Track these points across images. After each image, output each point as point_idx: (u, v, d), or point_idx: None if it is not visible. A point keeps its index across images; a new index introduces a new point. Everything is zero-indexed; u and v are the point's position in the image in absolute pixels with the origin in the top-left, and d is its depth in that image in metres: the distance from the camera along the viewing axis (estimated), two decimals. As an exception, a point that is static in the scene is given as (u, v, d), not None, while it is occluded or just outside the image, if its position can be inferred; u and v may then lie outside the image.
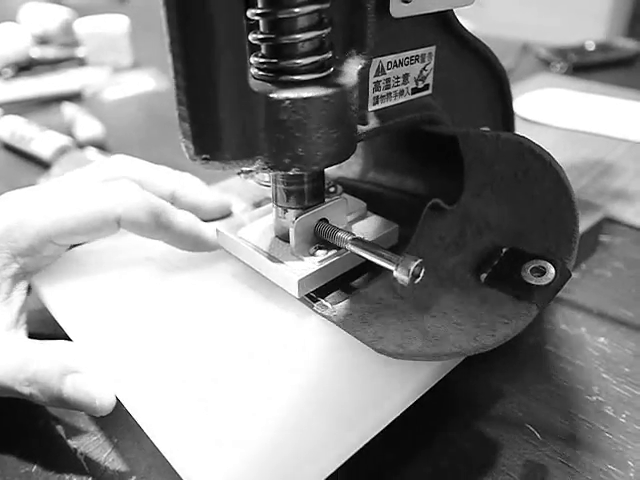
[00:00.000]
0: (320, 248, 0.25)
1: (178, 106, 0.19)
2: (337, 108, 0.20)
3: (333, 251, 0.25)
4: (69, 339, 0.25)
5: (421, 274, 0.22)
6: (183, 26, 0.17)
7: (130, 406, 0.22)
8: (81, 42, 0.83)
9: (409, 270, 0.21)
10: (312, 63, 0.20)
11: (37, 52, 0.83)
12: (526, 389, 0.27)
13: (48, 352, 0.24)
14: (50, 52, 0.84)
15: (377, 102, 0.24)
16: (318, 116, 0.20)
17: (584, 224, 0.34)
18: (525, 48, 0.84)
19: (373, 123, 0.24)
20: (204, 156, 0.19)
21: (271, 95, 0.19)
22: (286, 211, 0.25)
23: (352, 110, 0.21)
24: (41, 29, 0.88)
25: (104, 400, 0.23)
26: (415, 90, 0.26)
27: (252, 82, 0.19)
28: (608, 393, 0.27)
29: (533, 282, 0.23)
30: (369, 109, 0.24)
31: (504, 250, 0.25)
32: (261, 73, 0.21)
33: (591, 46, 0.80)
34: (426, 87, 0.26)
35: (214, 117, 0.19)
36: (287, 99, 0.19)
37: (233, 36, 0.18)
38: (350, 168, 0.34)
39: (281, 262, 0.25)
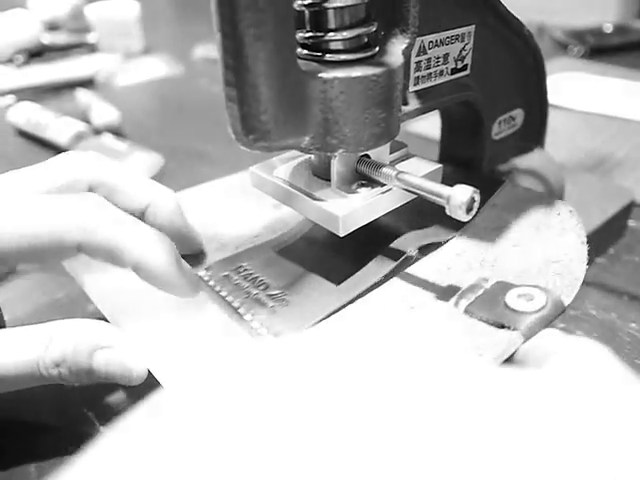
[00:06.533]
0: (362, 185, 0.24)
1: (225, 87, 0.18)
2: (385, 88, 0.20)
3: (377, 188, 0.23)
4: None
5: (474, 207, 0.20)
6: (232, 5, 0.17)
7: (161, 378, 0.21)
8: (92, 28, 0.82)
9: (462, 202, 0.19)
10: (357, 38, 0.20)
11: (48, 38, 0.82)
12: (562, 373, 0.27)
13: (72, 329, 0.22)
14: (61, 38, 0.83)
15: (418, 82, 0.24)
16: (366, 96, 0.20)
17: (611, 209, 0.34)
18: (541, 30, 0.82)
19: (414, 104, 0.24)
20: (251, 137, 0.19)
21: (320, 74, 0.19)
22: None
23: (398, 90, 0.21)
24: (51, 15, 0.88)
25: (139, 370, 0.22)
26: (454, 70, 0.25)
27: (299, 62, 0.19)
28: (645, 377, 0.26)
29: (518, 308, 0.20)
30: (410, 90, 0.24)
31: (492, 283, 0.22)
32: (306, 53, 0.21)
33: (609, 28, 0.79)
34: (464, 67, 0.26)
35: (262, 97, 0.18)
36: (336, 78, 0.19)
37: (282, 13, 0.17)
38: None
39: (322, 200, 0.23)
